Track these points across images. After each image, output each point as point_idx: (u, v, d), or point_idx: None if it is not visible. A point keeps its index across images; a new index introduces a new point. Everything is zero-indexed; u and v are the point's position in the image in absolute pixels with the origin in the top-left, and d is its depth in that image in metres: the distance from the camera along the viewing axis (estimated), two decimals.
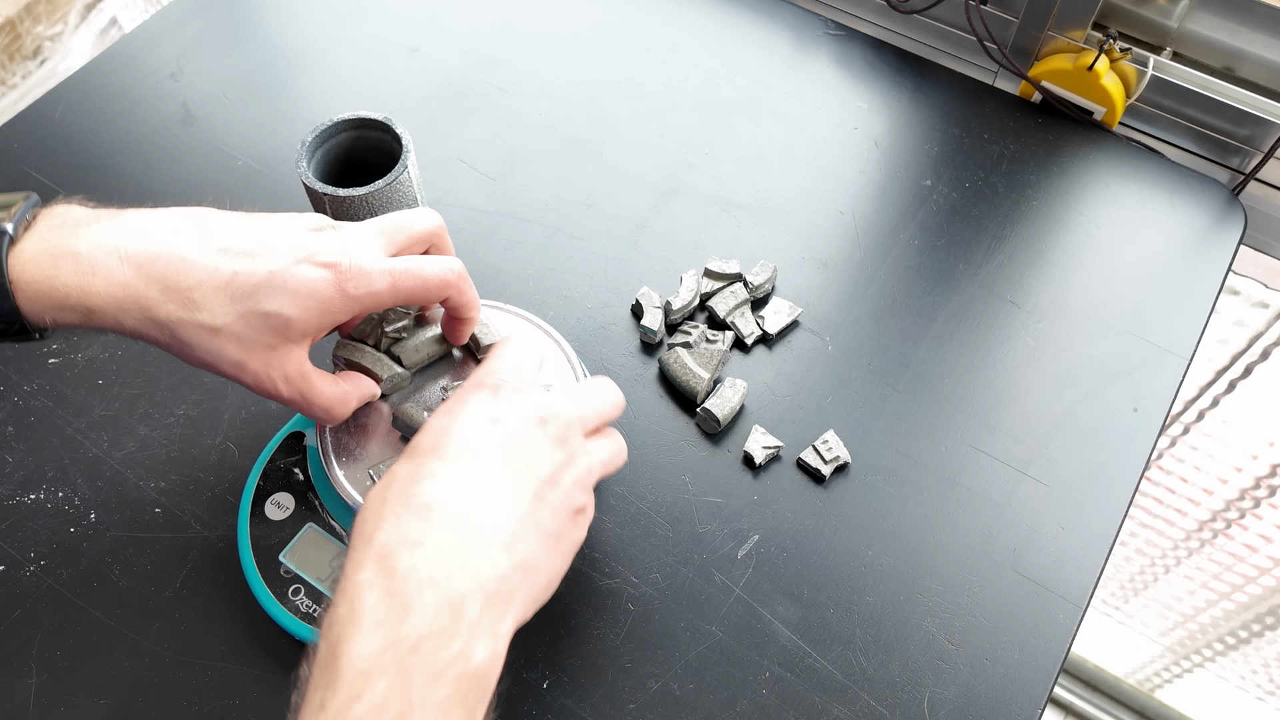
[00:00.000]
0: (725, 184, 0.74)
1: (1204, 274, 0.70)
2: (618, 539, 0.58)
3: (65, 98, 0.78)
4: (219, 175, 0.74)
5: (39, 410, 0.62)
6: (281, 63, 0.81)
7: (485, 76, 0.80)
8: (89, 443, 0.61)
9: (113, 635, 0.54)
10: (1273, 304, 0.90)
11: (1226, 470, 1.07)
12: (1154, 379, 0.65)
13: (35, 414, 0.62)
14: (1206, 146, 0.78)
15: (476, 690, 0.38)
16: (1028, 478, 0.60)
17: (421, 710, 0.35)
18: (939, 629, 0.55)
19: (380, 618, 0.37)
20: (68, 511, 0.58)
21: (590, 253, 0.70)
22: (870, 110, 0.79)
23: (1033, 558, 0.58)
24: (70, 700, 0.52)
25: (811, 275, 0.69)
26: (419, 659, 0.36)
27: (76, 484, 0.59)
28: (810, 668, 0.54)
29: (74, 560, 0.57)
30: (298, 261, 0.44)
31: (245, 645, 0.54)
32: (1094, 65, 0.74)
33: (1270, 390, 0.97)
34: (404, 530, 0.39)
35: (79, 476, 0.60)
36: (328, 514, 0.55)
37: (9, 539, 0.57)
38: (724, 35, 0.84)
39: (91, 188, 0.73)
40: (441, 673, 0.36)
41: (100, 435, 0.61)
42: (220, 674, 0.53)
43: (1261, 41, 0.72)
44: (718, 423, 0.61)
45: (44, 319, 0.43)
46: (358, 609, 0.37)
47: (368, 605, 0.37)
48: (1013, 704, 0.53)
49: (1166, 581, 1.28)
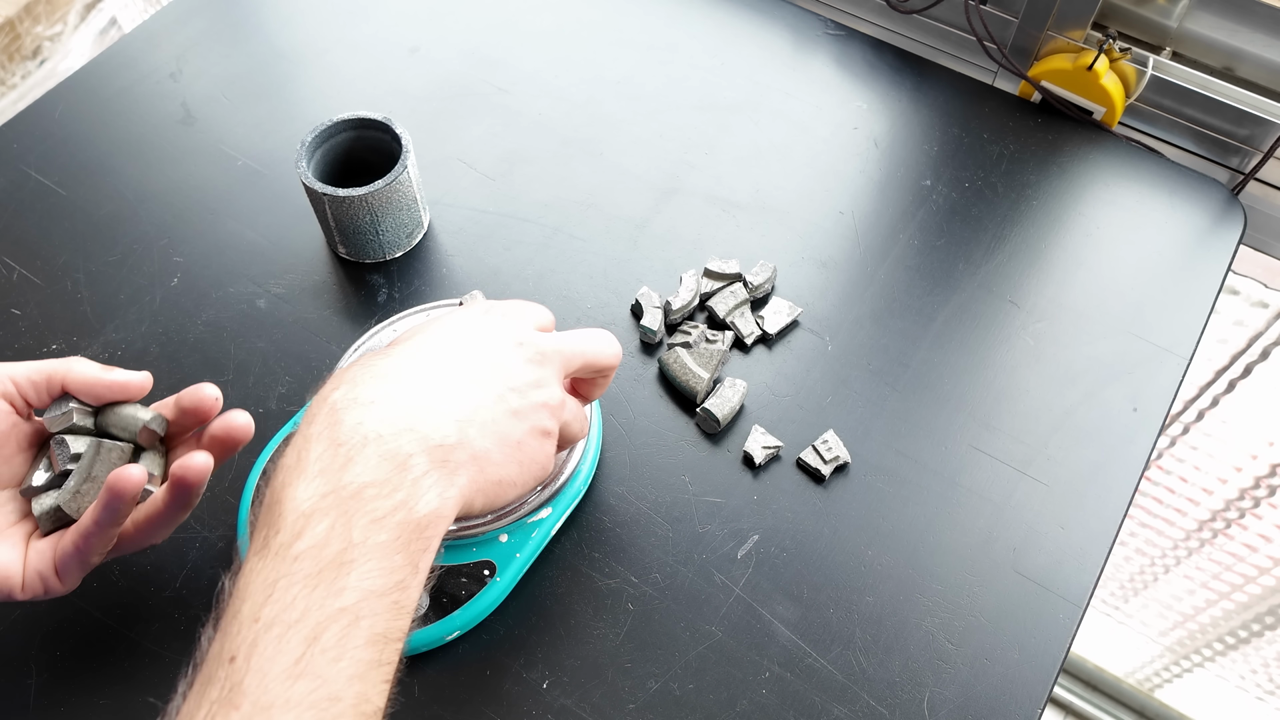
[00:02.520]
0: (725, 184, 0.74)
1: (1203, 274, 0.70)
2: (618, 539, 0.58)
3: (65, 98, 0.78)
4: (219, 175, 0.74)
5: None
6: (281, 63, 0.81)
7: (485, 76, 0.80)
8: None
9: (112, 635, 0.54)
10: (1272, 304, 0.90)
11: (1226, 470, 1.07)
12: (1153, 379, 0.65)
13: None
14: (1206, 146, 0.78)
15: (419, 540, 0.38)
16: (1027, 477, 0.61)
17: (363, 550, 0.36)
18: (939, 629, 0.55)
19: (324, 466, 0.37)
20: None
21: (590, 253, 0.70)
22: (870, 110, 0.79)
23: (1032, 557, 0.58)
24: (70, 700, 0.52)
25: (811, 275, 0.69)
26: (360, 504, 0.37)
27: None
28: (810, 668, 0.54)
29: None
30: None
31: None
32: (1093, 65, 0.74)
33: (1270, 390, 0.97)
34: (358, 391, 0.40)
35: None
36: None
37: None
38: (724, 35, 0.84)
39: (91, 188, 0.73)
40: (384, 518, 0.37)
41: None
42: None
43: (1261, 41, 0.72)
44: (717, 423, 0.61)
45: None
46: (303, 458, 0.38)
47: (313, 455, 0.38)
48: (1012, 704, 0.53)
49: (1166, 581, 1.28)
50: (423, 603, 0.52)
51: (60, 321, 0.66)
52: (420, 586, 0.38)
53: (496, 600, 0.54)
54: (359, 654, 0.35)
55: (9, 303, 0.67)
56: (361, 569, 0.36)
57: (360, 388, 0.40)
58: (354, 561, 0.36)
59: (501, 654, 0.54)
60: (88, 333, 0.66)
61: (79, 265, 0.69)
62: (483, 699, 0.53)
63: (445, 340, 0.44)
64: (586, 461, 0.57)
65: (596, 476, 0.60)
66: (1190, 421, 1.06)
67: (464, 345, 0.44)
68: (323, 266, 0.70)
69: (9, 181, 0.73)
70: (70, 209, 0.72)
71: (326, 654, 0.34)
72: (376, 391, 0.40)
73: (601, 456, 0.61)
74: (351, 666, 0.35)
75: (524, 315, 0.47)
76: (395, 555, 0.37)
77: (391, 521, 0.37)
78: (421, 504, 0.38)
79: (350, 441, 0.38)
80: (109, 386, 0.47)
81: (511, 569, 0.54)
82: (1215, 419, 1.04)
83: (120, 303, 0.67)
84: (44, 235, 0.71)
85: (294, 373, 0.64)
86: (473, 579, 0.53)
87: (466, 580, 0.53)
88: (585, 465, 0.57)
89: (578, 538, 0.58)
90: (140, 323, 0.66)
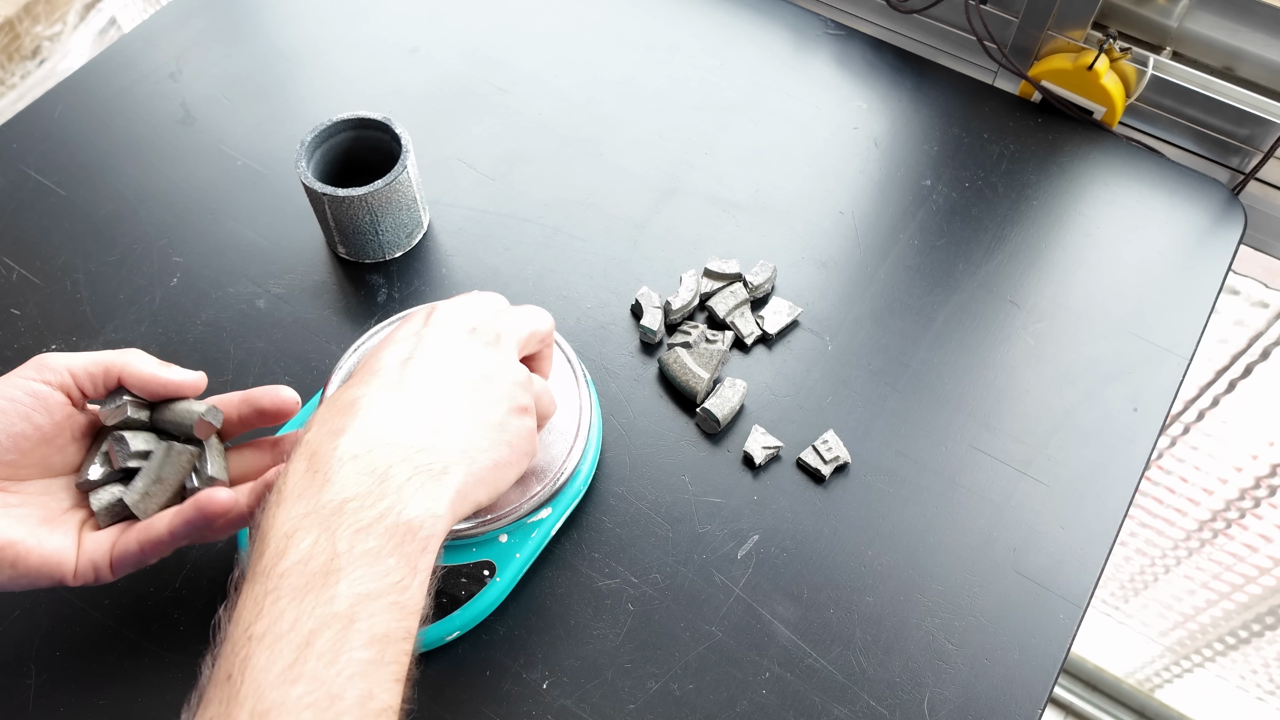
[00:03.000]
0: (725, 184, 0.74)
1: (1204, 274, 0.70)
2: (618, 539, 0.58)
3: (64, 98, 0.78)
4: (218, 175, 0.74)
5: None
6: (281, 63, 0.81)
7: (485, 76, 0.80)
8: None
9: (112, 635, 0.54)
10: (1273, 303, 0.90)
11: (1226, 470, 1.07)
12: (1154, 379, 0.65)
13: None
14: (1206, 146, 0.78)
15: (413, 541, 0.38)
16: (1028, 477, 0.60)
17: (349, 558, 0.36)
18: (939, 629, 0.55)
19: (301, 491, 0.38)
20: None
21: (590, 253, 0.70)
22: (870, 110, 0.79)
23: (1033, 558, 0.58)
24: (69, 700, 0.52)
25: (811, 275, 0.69)
26: (343, 518, 0.37)
27: None
28: (810, 668, 0.54)
29: None
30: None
31: None
32: (1094, 65, 0.74)
33: (1270, 390, 0.97)
34: (329, 425, 0.41)
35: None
36: None
37: None
38: (723, 35, 0.84)
39: (91, 188, 0.73)
40: (369, 526, 0.37)
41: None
42: None
43: (1261, 41, 0.72)
44: (717, 423, 0.61)
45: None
46: (283, 490, 0.38)
47: (290, 484, 0.38)
48: (1013, 704, 0.53)
49: (1166, 581, 1.28)
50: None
51: (60, 321, 0.66)
52: (424, 585, 0.38)
53: (496, 600, 0.54)
54: (358, 655, 0.35)
55: (8, 303, 0.67)
56: (351, 576, 0.36)
57: (330, 422, 0.41)
58: (341, 570, 0.36)
59: (501, 654, 0.54)
60: (87, 332, 0.66)
61: (78, 265, 0.69)
62: (482, 699, 0.53)
63: (400, 355, 0.45)
64: (586, 461, 0.57)
65: (596, 477, 0.60)
66: (1191, 421, 1.06)
67: (420, 352, 0.45)
68: (322, 266, 0.70)
69: (8, 181, 0.73)
70: (70, 209, 0.72)
71: (321, 658, 0.34)
72: (345, 421, 0.41)
73: (601, 456, 0.61)
74: (351, 667, 0.35)
75: (469, 304, 0.49)
76: (387, 559, 0.37)
77: (378, 528, 0.37)
78: (410, 508, 0.38)
79: (326, 467, 0.39)
80: (164, 385, 0.47)
81: (511, 569, 0.54)
82: (1216, 419, 1.04)
83: (120, 302, 0.67)
84: (43, 235, 0.71)
85: (294, 373, 0.64)
86: (472, 579, 0.53)
87: (466, 580, 0.53)
88: (585, 465, 0.57)
89: (577, 538, 0.58)
90: (140, 322, 0.66)
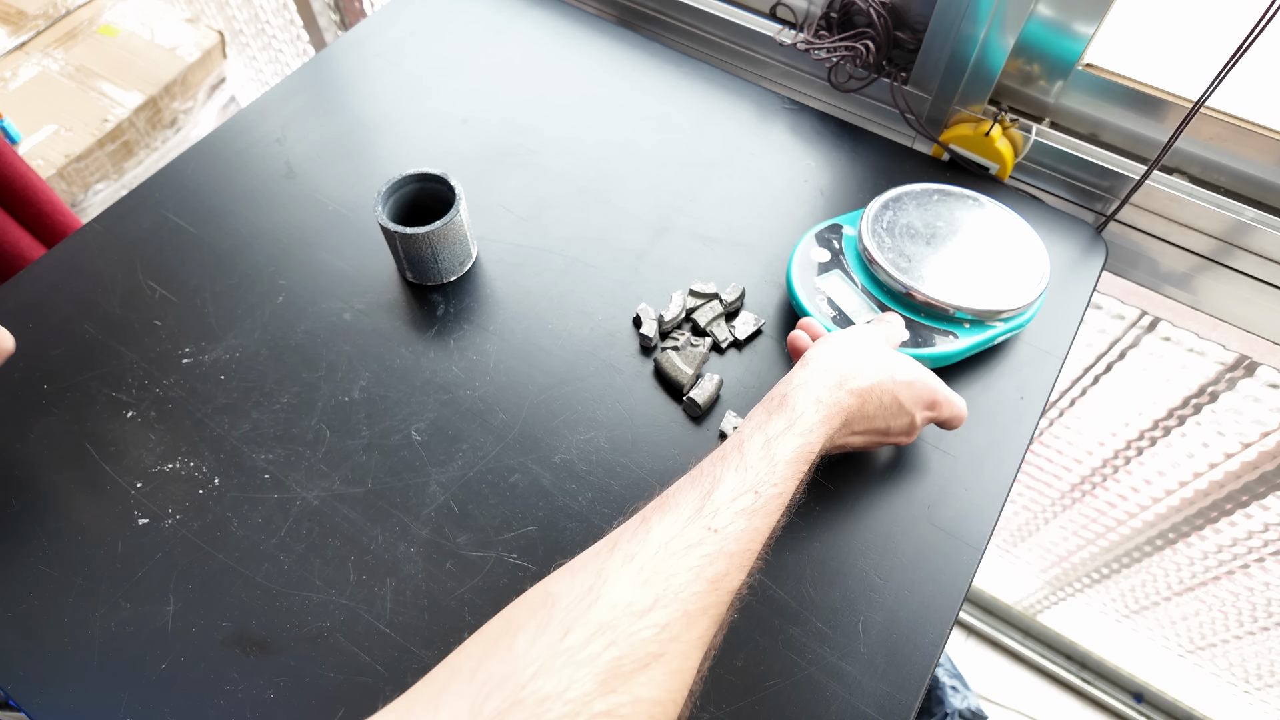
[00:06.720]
0: (705, 224, 0.74)
1: (1075, 293, 0.70)
2: (620, 498, 0.58)
3: (195, 158, 0.78)
4: (314, 218, 0.74)
5: (175, 399, 0.62)
6: (362, 130, 0.81)
7: (520, 141, 0.80)
8: (213, 424, 0.61)
9: (231, 573, 0.54)
10: (1127, 316, 0.90)
11: (1092, 444, 1.07)
12: (1036, 374, 0.65)
13: (172, 402, 0.62)
14: (1077, 194, 0.78)
15: (804, 446, 0.46)
16: (939, 450, 0.60)
17: (801, 422, 0.47)
18: (870, 567, 0.55)
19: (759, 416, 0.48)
20: (197, 477, 0.58)
21: (600, 277, 0.70)
22: (817, 166, 0.79)
23: (942, 512, 0.58)
24: (200, 623, 0.52)
25: (771, 294, 0.69)
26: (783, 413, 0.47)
27: (204, 456, 0.59)
28: (770, 597, 0.54)
29: (202, 515, 0.57)
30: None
31: (336, 577, 0.54)
32: (990, 131, 0.74)
33: (1125, 383, 0.97)
34: (791, 378, 0.50)
35: (206, 450, 0.60)
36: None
37: (153, 499, 0.57)
38: (703, 108, 0.84)
39: (215, 227, 0.73)
40: (795, 423, 0.47)
41: (222, 418, 0.61)
42: (315, 603, 0.53)
43: (1119, 114, 0.72)
44: (699, 408, 0.61)
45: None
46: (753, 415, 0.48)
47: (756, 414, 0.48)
48: (927, 625, 0.53)
49: (1047, 530, 1.28)
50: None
51: (191, 331, 0.66)
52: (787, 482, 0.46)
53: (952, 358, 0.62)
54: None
55: (152, 315, 0.67)
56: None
57: (793, 377, 0.50)
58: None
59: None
60: (212, 340, 0.66)
61: (206, 287, 0.69)
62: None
63: (850, 341, 0.54)
64: (1035, 300, 0.64)
65: (606, 450, 0.60)
66: (1065, 407, 1.06)
67: (862, 348, 0.53)
68: (394, 288, 0.69)
69: (152, 223, 0.73)
70: (199, 244, 0.72)
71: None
72: (804, 376, 0.50)
73: (608, 434, 0.60)
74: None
75: (925, 385, 0.55)
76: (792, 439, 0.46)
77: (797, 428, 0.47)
78: (809, 417, 0.47)
79: (782, 394, 0.49)
80: None
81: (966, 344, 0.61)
82: (1084, 405, 1.04)
83: (238, 316, 0.67)
84: (179, 264, 0.70)
85: (371, 369, 0.64)
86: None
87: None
88: (1034, 305, 0.64)
89: (592, 497, 0.58)
90: (253, 331, 0.66)
